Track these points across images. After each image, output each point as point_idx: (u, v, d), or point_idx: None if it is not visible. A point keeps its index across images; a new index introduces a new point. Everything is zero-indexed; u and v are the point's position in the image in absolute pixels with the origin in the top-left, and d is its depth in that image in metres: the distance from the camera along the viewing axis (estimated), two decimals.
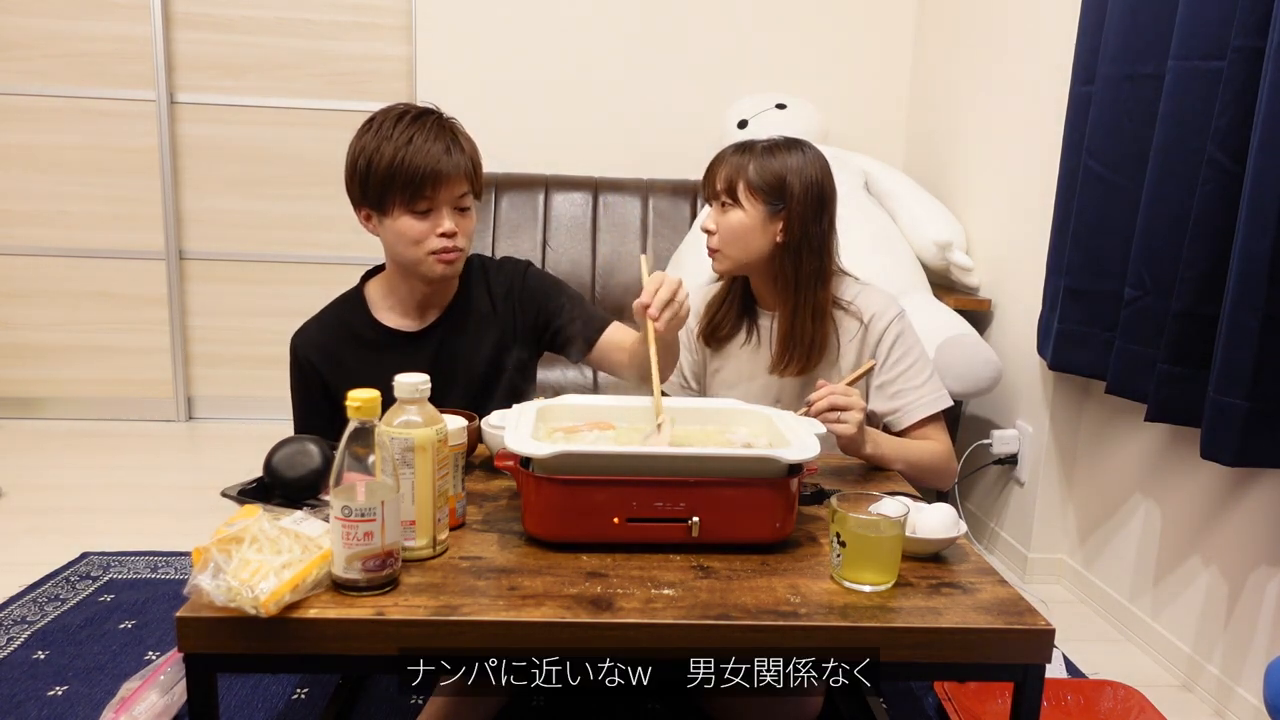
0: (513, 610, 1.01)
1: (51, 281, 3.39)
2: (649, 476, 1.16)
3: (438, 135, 1.50)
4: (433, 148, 1.48)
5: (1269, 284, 1.58)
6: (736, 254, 1.65)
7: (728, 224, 1.64)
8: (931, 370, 1.67)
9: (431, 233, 1.51)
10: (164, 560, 2.30)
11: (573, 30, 3.29)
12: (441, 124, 1.53)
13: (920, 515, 1.20)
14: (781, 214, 1.62)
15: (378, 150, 1.48)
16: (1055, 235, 2.21)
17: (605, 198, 3.12)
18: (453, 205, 1.53)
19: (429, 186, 1.48)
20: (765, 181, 1.61)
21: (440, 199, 1.51)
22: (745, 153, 1.65)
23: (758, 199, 1.62)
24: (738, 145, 1.67)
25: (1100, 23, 2.06)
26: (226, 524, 1.05)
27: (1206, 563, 1.94)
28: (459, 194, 1.53)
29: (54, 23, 3.22)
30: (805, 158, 1.64)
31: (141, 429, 3.40)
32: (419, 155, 1.47)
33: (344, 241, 3.42)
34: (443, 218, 1.51)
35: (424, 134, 1.49)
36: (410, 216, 1.51)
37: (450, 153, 1.49)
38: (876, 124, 3.39)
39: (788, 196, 1.61)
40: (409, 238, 1.51)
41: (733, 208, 1.63)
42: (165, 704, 1.60)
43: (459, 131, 1.55)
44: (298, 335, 1.63)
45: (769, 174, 1.62)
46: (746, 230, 1.63)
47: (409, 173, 1.47)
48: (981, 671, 1.06)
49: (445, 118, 1.55)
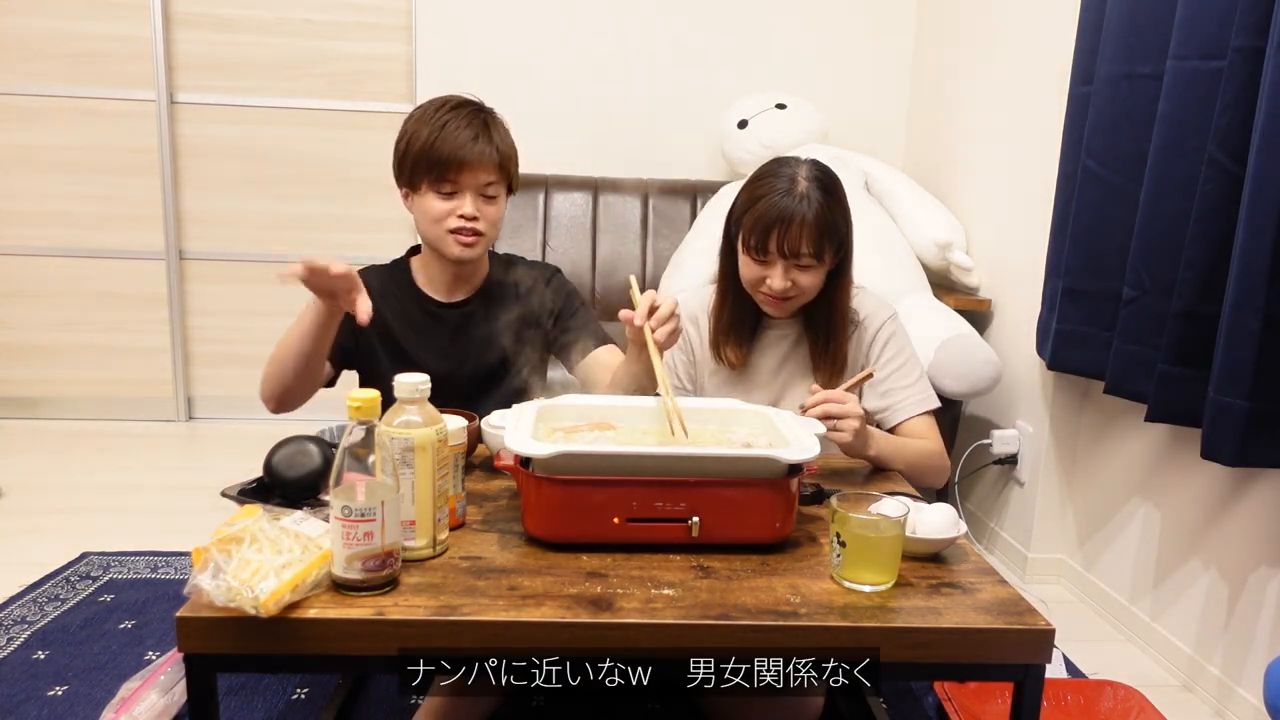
0: (513, 610, 1.01)
1: (51, 281, 3.39)
2: (649, 476, 1.16)
3: (469, 124, 1.61)
4: (461, 135, 1.60)
5: (1269, 284, 1.58)
6: (808, 300, 1.61)
7: (813, 281, 1.57)
8: (921, 372, 1.69)
9: (452, 213, 1.62)
10: (164, 560, 2.30)
11: (573, 30, 3.29)
12: (477, 114, 1.64)
13: (920, 515, 1.20)
14: (843, 248, 1.60)
15: (416, 133, 1.61)
16: (1054, 235, 2.21)
17: (605, 198, 3.12)
18: (477, 191, 1.63)
19: (453, 170, 1.60)
20: (838, 226, 1.56)
21: (464, 183, 1.62)
22: (810, 201, 1.52)
23: (833, 246, 1.57)
24: (790, 192, 1.52)
25: (1099, 22, 2.06)
26: (226, 524, 1.05)
27: (1207, 563, 1.94)
28: (484, 181, 1.63)
29: (54, 23, 3.22)
30: (839, 179, 1.59)
31: (141, 429, 3.39)
32: (448, 140, 1.59)
33: (344, 241, 3.43)
34: (465, 201, 1.62)
35: (457, 121, 1.61)
36: (435, 196, 1.63)
37: (478, 140, 1.61)
38: (876, 124, 3.39)
39: (849, 230, 1.59)
40: (431, 215, 1.63)
41: (816, 266, 1.56)
42: (165, 704, 1.60)
43: (494, 124, 1.66)
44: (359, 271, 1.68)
45: (839, 216, 1.55)
46: (823, 278, 1.60)
47: (436, 155, 1.59)
48: (981, 671, 1.06)
49: (485, 110, 1.67)
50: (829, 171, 1.59)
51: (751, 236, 1.55)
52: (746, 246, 1.57)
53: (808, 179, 1.54)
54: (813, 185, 1.53)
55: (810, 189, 1.53)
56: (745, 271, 1.61)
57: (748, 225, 1.56)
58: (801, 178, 1.54)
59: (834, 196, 1.55)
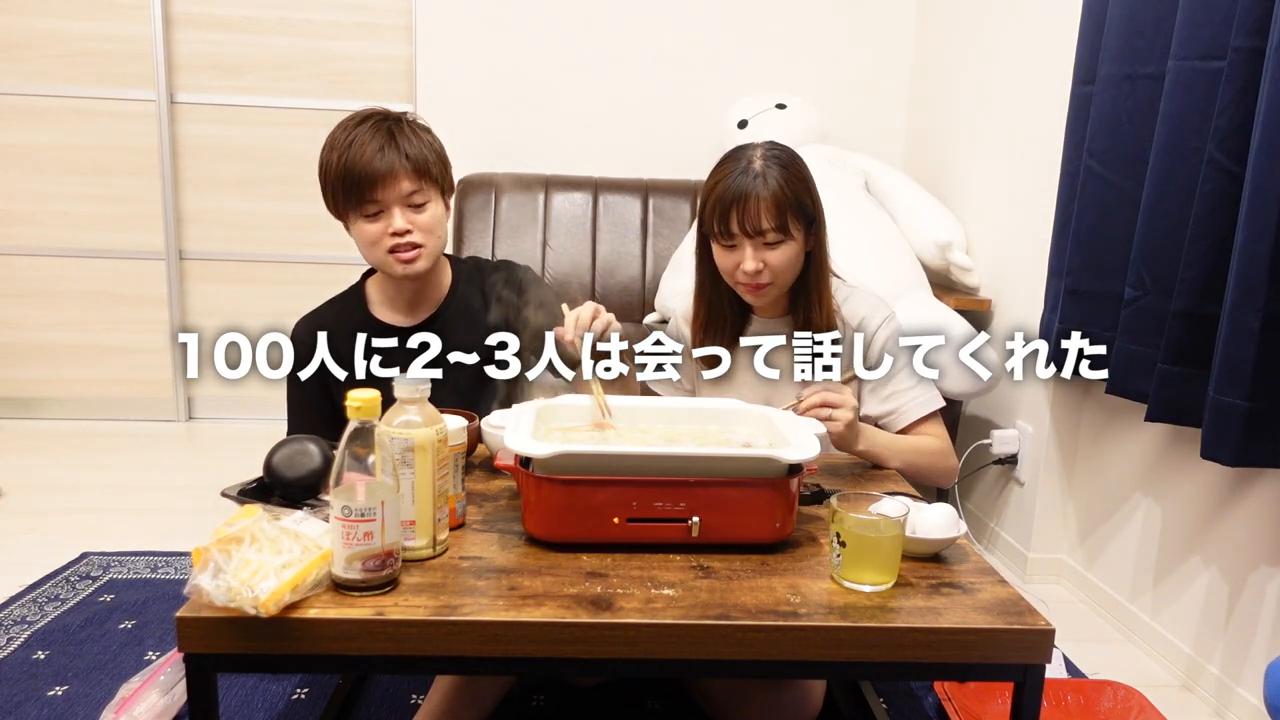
0: (513, 610, 1.01)
1: (51, 281, 3.39)
2: (649, 476, 1.15)
3: (374, 136, 1.51)
4: (368, 150, 1.50)
5: (1269, 284, 1.57)
6: (785, 283, 1.59)
7: (783, 260, 1.54)
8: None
9: (384, 233, 1.54)
10: (164, 560, 2.30)
11: (573, 30, 3.29)
12: (381, 124, 1.53)
13: (920, 515, 1.20)
14: (813, 226, 1.58)
15: (329, 161, 1.53)
16: (1056, 235, 2.21)
17: (605, 198, 3.12)
18: (402, 203, 1.54)
19: (368, 188, 1.51)
20: (801, 200, 1.54)
21: (385, 198, 1.53)
22: (766, 177, 1.51)
23: (799, 222, 1.55)
24: (746, 170, 1.52)
25: (1101, 23, 2.06)
26: (226, 524, 1.05)
27: (1206, 563, 1.94)
28: (406, 191, 1.53)
29: (54, 23, 3.22)
30: (799, 155, 1.59)
31: (141, 429, 3.40)
32: (356, 159, 1.50)
33: (344, 241, 3.35)
34: (393, 216, 1.53)
35: (362, 136, 1.51)
36: (363, 220, 1.54)
37: (384, 151, 1.50)
38: (876, 124, 3.39)
39: (816, 207, 1.58)
40: (366, 240, 1.56)
41: (783, 241, 1.54)
42: (165, 704, 1.60)
43: (403, 130, 1.54)
44: (297, 324, 1.66)
45: (801, 191, 1.54)
46: (796, 257, 1.57)
47: (350, 177, 1.51)
48: (981, 671, 1.06)
49: (391, 117, 1.55)
50: (786, 149, 1.58)
51: (715, 222, 1.55)
52: (714, 234, 1.57)
53: (763, 157, 1.54)
54: (768, 162, 1.53)
55: (766, 166, 1.52)
56: (719, 261, 1.60)
57: (709, 211, 1.56)
58: (757, 157, 1.54)
59: (792, 171, 1.54)
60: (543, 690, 1.74)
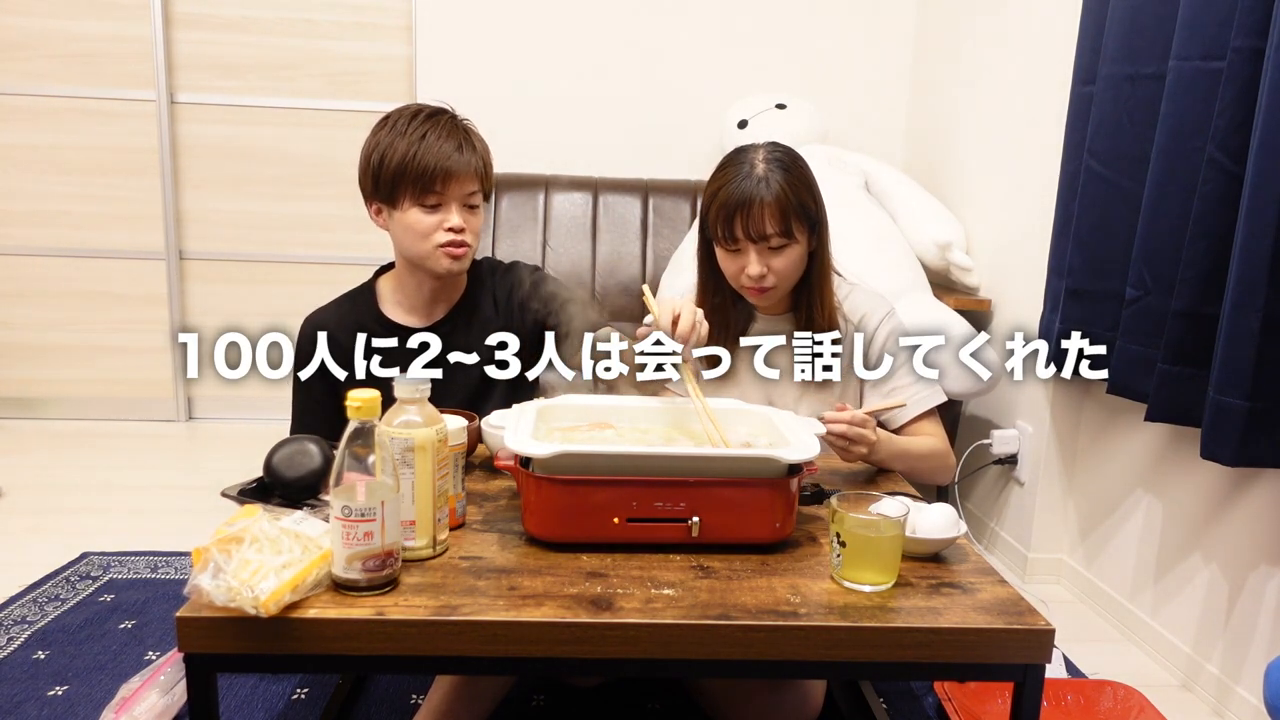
0: (513, 610, 1.01)
1: (51, 281, 3.39)
2: (649, 476, 1.16)
3: (450, 133, 1.56)
4: (445, 145, 1.55)
5: (1269, 284, 1.58)
6: (789, 284, 1.60)
7: (787, 263, 1.54)
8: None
9: (439, 227, 1.57)
10: (164, 560, 2.30)
11: (573, 30, 3.29)
12: (455, 123, 1.59)
13: (920, 515, 1.20)
14: (817, 227, 1.58)
15: (391, 146, 1.55)
16: (1056, 235, 2.21)
17: (605, 198, 3.12)
18: (462, 202, 1.59)
19: (439, 182, 1.55)
20: (804, 203, 1.53)
21: (450, 195, 1.57)
22: (769, 181, 1.50)
23: (803, 224, 1.55)
24: (749, 174, 1.51)
25: (1101, 23, 2.06)
26: (226, 524, 1.05)
27: (1206, 562, 1.94)
28: (468, 191, 1.59)
29: (54, 23, 3.22)
30: (801, 156, 1.59)
31: (141, 429, 3.39)
32: (431, 151, 1.54)
33: (344, 241, 3.43)
34: (451, 213, 1.57)
35: (437, 131, 1.55)
36: (420, 210, 1.57)
37: (462, 150, 1.56)
38: (876, 124, 3.39)
39: (819, 208, 1.57)
40: (418, 231, 1.57)
41: (787, 245, 1.54)
42: (165, 704, 1.60)
43: (472, 132, 1.62)
44: (307, 319, 1.66)
45: (804, 193, 1.53)
46: (800, 259, 1.57)
47: (420, 168, 1.53)
48: (981, 671, 1.06)
49: (459, 118, 1.62)
50: (788, 150, 1.58)
51: (719, 227, 1.55)
52: (718, 239, 1.57)
53: (765, 160, 1.53)
54: (771, 165, 1.53)
55: (768, 169, 1.52)
56: (723, 265, 1.60)
57: (714, 216, 1.56)
58: (759, 160, 1.54)
59: (794, 174, 1.54)
60: (543, 690, 1.74)
